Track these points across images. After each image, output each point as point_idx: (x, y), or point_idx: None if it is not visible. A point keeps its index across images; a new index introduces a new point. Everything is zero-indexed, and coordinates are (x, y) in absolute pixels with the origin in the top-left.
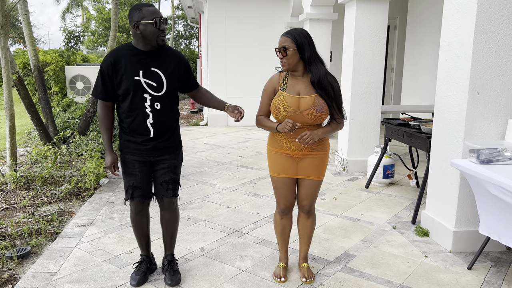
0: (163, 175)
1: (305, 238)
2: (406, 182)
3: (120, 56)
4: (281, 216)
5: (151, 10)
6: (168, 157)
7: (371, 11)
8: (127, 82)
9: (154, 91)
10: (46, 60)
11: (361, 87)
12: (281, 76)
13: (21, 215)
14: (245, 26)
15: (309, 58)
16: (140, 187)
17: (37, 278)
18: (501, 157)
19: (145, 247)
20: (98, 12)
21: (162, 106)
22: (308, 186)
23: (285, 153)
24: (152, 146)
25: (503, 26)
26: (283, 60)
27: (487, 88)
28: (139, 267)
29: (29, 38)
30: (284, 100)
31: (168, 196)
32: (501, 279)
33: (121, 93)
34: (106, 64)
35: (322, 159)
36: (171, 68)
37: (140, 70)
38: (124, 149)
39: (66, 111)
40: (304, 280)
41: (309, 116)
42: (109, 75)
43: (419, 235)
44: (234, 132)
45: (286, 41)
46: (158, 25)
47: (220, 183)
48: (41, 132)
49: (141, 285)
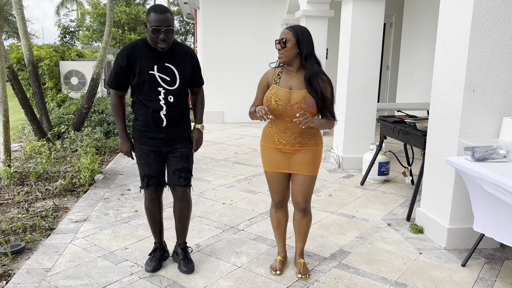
0: (175, 163)
1: (301, 236)
2: (401, 179)
3: (136, 50)
4: (276, 209)
5: (155, 18)
6: (180, 146)
7: (367, 9)
8: (143, 75)
9: (167, 85)
10: (41, 55)
11: (357, 85)
12: (276, 71)
13: (15, 210)
14: (241, 22)
15: (306, 55)
16: (156, 175)
17: (31, 274)
18: (495, 155)
19: (158, 234)
20: (93, 7)
21: (175, 99)
22: (301, 181)
23: (277, 148)
24: (166, 136)
25: (498, 24)
26: (281, 51)
27: (483, 86)
28: (153, 254)
29: (23, 33)
30: (276, 93)
31: (181, 184)
32: (494, 275)
33: (136, 86)
34: (122, 56)
35: (314, 155)
36: (184, 64)
37: (154, 65)
38: (138, 138)
39: (60, 106)
40: (299, 276)
41: (299, 110)
42: (122, 67)
43: (413, 232)
44: (229, 128)
45: (288, 34)
46: (156, 34)
47: (216, 179)
48: (35, 128)
49: (156, 271)
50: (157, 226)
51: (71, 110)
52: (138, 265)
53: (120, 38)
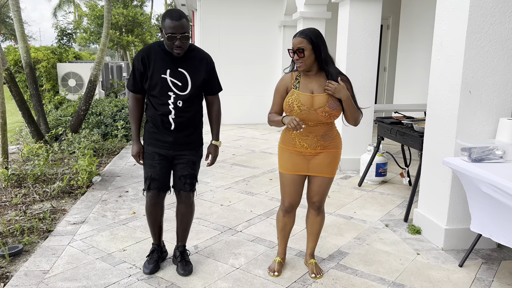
0: (181, 170)
1: (314, 235)
2: (399, 180)
3: (151, 53)
4: (284, 214)
5: (170, 25)
6: (187, 153)
7: (364, 11)
8: (155, 78)
9: (179, 90)
10: (38, 57)
11: (355, 86)
12: (294, 75)
13: (13, 213)
14: (238, 24)
15: (325, 58)
16: (158, 179)
17: (29, 276)
18: (492, 156)
19: (157, 236)
20: (90, 9)
21: (185, 105)
22: (319, 183)
23: (298, 151)
24: (173, 140)
25: (495, 26)
26: (299, 61)
27: (479, 87)
28: (151, 255)
29: (20, 35)
30: (297, 99)
31: (185, 190)
32: (491, 276)
33: (148, 88)
34: (137, 59)
35: (334, 157)
36: (198, 70)
37: (168, 69)
38: (147, 139)
39: (58, 108)
40: (313, 276)
41: (323, 114)
42: (138, 70)
43: (411, 233)
44: (227, 130)
45: (302, 42)
46: (172, 40)
47: (214, 181)
48: (33, 130)
49: (153, 273)
50: (157, 229)
51: (69, 112)
52: (136, 267)
53: (118, 40)
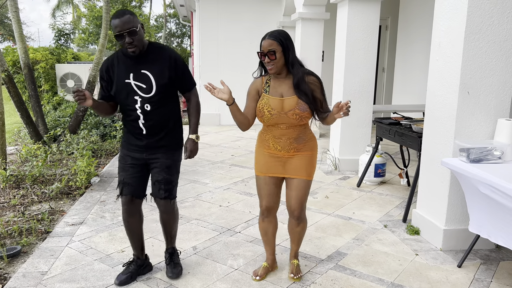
0: (156, 175)
1: (295, 241)
2: (397, 181)
3: (113, 61)
4: (263, 218)
5: (114, 24)
6: (161, 156)
7: (363, 11)
8: (119, 85)
9: (144, 93)
10: (36, 57)
11: (353, 87)
12: (264, 79)
13: (11, 214)
14: (237, 25)
15: (292, 60)
16: (131, 183)
17: (27, 277)
18: (490, 156)
19: (138, 248)
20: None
21: (153, 107)
22: (295, 186)
23: (272, 153)
24: (145, 144)
25: (493, 27)
26: (270, 63)
27: (477, 88)
28: (127, 266)
29: (19, 36)
30: (267, 103)
31: (160, 196)
32: (490, 276)
33: (114, 95)
34: (101, 69)
35: (310, 159)
36: (162, 70)
37: (130, 73)
38: (122, 143)
39: (56, 109)
40: (291, 276)
41: (294, 117)
42: (103, 79)
43: (410, 234)
44: (226, 131)
45: (273, 44)
46: (121, 39)
47: (213, 182)
48: (31, 131)
49: (123, 285)
50: (136, 240)
51: (67, 113)
52: None
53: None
